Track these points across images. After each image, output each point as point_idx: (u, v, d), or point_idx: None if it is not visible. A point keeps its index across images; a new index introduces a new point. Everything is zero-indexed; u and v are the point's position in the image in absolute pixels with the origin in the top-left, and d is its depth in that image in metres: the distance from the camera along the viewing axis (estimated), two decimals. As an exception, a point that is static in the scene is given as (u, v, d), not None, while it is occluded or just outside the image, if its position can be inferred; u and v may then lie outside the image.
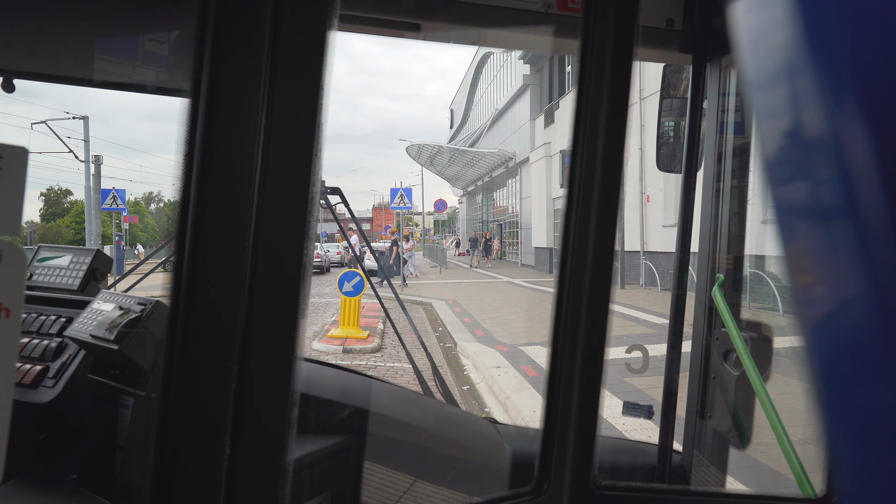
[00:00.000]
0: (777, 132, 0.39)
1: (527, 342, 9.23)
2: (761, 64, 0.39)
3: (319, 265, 23.98)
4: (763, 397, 1.69)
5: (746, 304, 1.99)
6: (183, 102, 0.79)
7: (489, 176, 35.77)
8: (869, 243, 0.33)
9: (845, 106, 0.34)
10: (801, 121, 0.37)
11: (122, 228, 22.24)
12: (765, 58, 0.39)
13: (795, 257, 0.38)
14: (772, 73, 0.39)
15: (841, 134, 0.34)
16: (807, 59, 0.36)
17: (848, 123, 0.34)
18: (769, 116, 0.39)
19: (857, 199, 0.33)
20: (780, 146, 0.39)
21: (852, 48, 0.34)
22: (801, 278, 0.38)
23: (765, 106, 0.39)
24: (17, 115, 18.48)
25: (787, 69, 0.37)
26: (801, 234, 0.38)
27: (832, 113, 0.34)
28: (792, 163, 0.38)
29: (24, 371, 1.57)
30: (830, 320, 0.36)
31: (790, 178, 0.38)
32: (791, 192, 0.38)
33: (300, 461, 1.42)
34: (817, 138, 0.36)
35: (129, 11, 1.57)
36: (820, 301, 0.37)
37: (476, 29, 1.62)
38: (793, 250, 0.38)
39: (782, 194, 0.38)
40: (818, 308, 0.37)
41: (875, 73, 0.33)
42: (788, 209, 0.38)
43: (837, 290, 0.35)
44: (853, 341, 0.35)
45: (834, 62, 0.35)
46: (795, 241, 0.38)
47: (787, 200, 0.38)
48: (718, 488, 1.91)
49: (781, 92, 0.38)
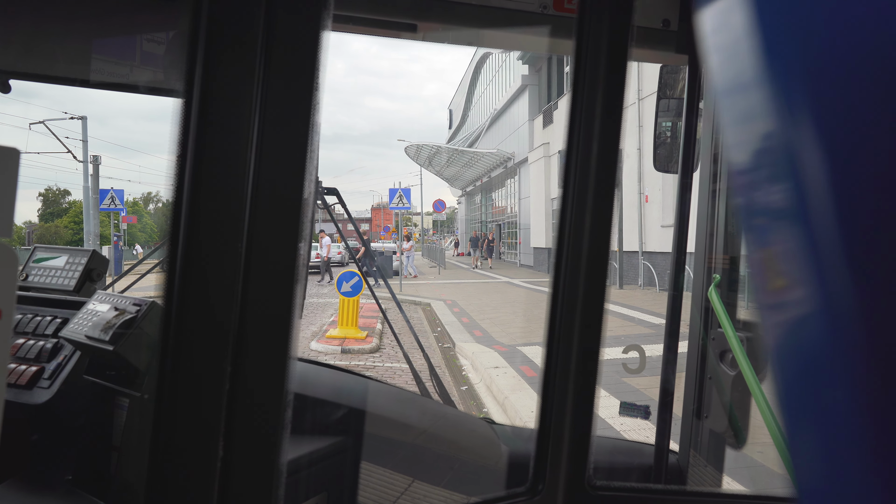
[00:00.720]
0: (738, 137, 0.39)
1: (525, 342, 9.23)
2: (724, 68, 0.40)
3: (318, 265, 24.06)
4: (759, 397, 1.70)
5: (743, 305, 2.00)
6: (176, 102, 0.79)
7: (488, 176, 35.78)
8: (820, 248, 0.33)
9: (800, 110, 0.34)
10: (755, 126, 0.37)
11: (121, 229, 22.21)
12: (726, 62, 0.40)
13: (758, 262, 0.38)
14: (733, 78, 0.39)
15: (793, 139, 0.34)
16: (763, 64, 0.36)
17: (801, 128, 0.34)
18: (732, 121, 0.40)
19: (808, 204, 0.34)
20: (741, 151, 0.39)
21: (808, 53, 0.35)
22: (764, 283, 0.38)
23: (728, 110, 0.40)
24: (15, 115, 18.46)
25: (745, 74, 0.38)
26: (762, 238, 0.38)
27: (785, 118, 0.35)
28: (751, 169, 0.38)
29: (20, 372, 1.57)
30: (791, 325, 0.37)
31: (752, 183, 0.39)
32: (753, 197, 0.39)
33: (297, 462, 1.42)
34: (771, 143, 0.36)
35: (127, 12, 1.56)
36: (781, 306, 0.37)
37: (473, 29, 1.62)
38: (756, 255, 0.39)
39: (746, 199, 0.39)
40: (780, 313, 0.37)
41: (829, 77, 0.34)
42: (751, 214, 0.39)
43: (796, 296, 0.36)
44: (813, 346, 0.35)
45: (790, 66, 0.35)
46: (758, 246, 0.38)
47: (749, 205, 0.39)
48: (714, 488, 1.91)
49: (742, 96, 0.39)
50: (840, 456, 0.34)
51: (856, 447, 0.33)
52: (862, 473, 0.33)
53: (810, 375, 0.35)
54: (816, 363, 0.35)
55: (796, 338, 0.36)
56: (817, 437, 0.35)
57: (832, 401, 0.34)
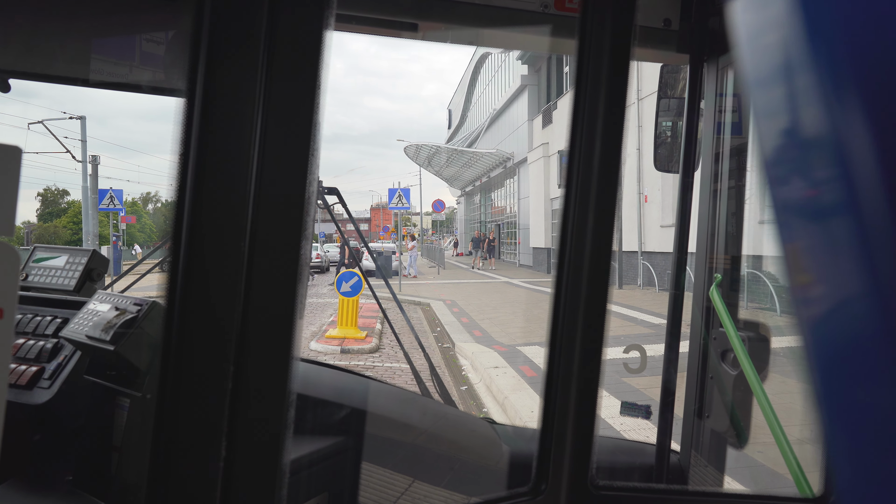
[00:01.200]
0: (776, 131, 0.38)
1: (525, 342, 9.23)
2: (760, 63, 0.39)
3: (319, 265, 24.16)
4: (760, 397, 1.69)
5: (744, 304, 1.99)
6: (179, 102, 0.79)
7: (487, 176, 35.77)
8: (868, 243, 0.33)
9: (844, 104, 0.34)
10: (799, 120, 0.37)
11: (120, 229, 22.20)
12: (763, 56, 0.39)
13: (794, 257, 0.38)
14: (770, 72, 0.38)
15: (840, 133, 0.34)
16: (805, 58, 0.36)
17: (847, 122, 0.34)
18: (768, 115, 0.39)
19: (856, 198, 0.33)
20: (778, 145, 0.38)
21: (851, 46, 0.34)
22: (799, 278, 0.37)
23: (763, 105, 0.39)
24: (14, 114, 18.46)
25: (785, 68, 0.37)
26: (799, 233, 0.38)
27: (831, 111, 0.34)
28: (791, 162, 0.38)
29: (20, 372, 1.56)
30: (829, 320, 0.36)
31: (789, 177, 0.38)
32: (790, 191, 0.38)
33: (298, 462, 1.41)
34: (816, 137, 0.35)
35: (127, 11, 1.56)
36: (818, 301, 0.37)
37: (474, 29, 1.62)
38: (791, 250, 0.38)
39: (781, 193, 0.38)
40: (817, 308, 0.37)
41: (874, 71, 0.33)
42: (787, 208, 0.38)
43: (836, 290, 0.35)
44: (852, 341, 0.35)
45: (833, 60, 0.35)
46: (794, 241, 0.38)
47: (785, 200, 0.38)
48: (716, 488, 1.91)
49: (780, 91, 0.38)
50: (881, 453, 0.34)
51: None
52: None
53: (857, 374, 0.35)
54: (865, 360, 0.34)
55: (834, 333, 0.36)
56: (862, 435, 0.35)
57: (873, 397, 0.34)
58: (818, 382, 0.37)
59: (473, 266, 27.06)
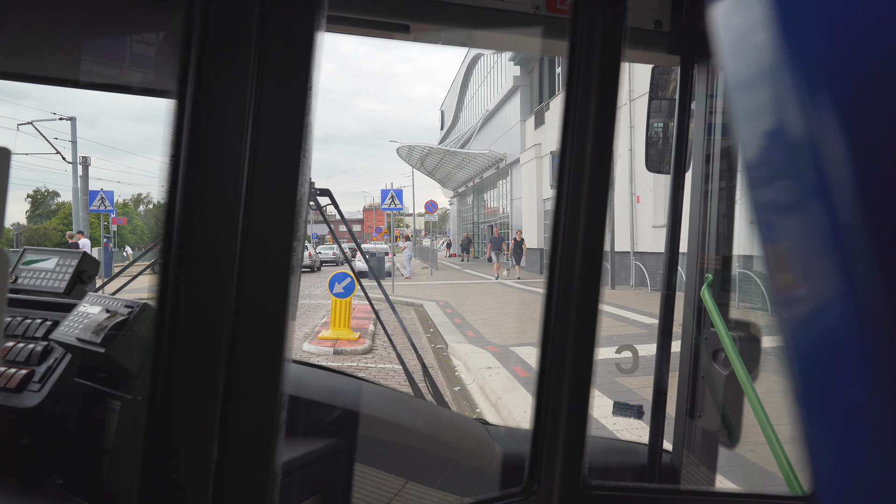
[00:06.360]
0: (754, 133, 0.39)
1: (518, 343, 9.24)
2: (738, 65, 0.40)
3: (310, 265, 24.20)
4: (752, 396, 1.70)
5: (735, 304, 2.01)
6: (170, 103, 0.78)
7: (480, 177, 35.80)
8: (843, 244, 0.33)
9: (821, 107, 0.34)
10: (776, 122, 0.37)
11: (111, 230, 22.07)
12: (741, 59, 0.40)
13: (775, 258, 0.38)
14: (748, 75, 0.39)
15: (816, 134, 0.34)
16: (782, 61, 0.36)
17: (823, 124, 0.34)
18: (747, 117, 0.39)
19: (832, 199, 0.34)
20: (757, 147, 0.39)
21: (827, 49, 0.35)
22: (779, 279, 0.38)
23: (742, 107, 0.40)
24: (3, 116, 18.33)
25: (762, 70, 0.38)
26: (778, 234, 0.38)
27: (807, 114, 0.35)
28: (770, 164, 0.38)
29: (10, 375, 1.55)
30: (807, 320, 0.37)
31: (768, 178, 0.38)
32: (769, 192, 0.39)
33: (290, 464, 1.41)
34: (793, 139, 0.36)
35: (117, 12, 1.55)
36: (799, 301, 0.37)
37: (466, 30, 1.62)
38: (772, 251, 0.38)
39: (760, 195, 0.39)
40: (796, 308, 0.37)
41: (850, 73, 0.34)
42: (767, 210, 0.38)
43: (814, 291, 0.36)
44: (829, 341, 0.35)
45: (809, 63, 0.35)
46: (775, 242, 0.38)
47: (765, 201, 0.39)
48: (708, 487, 1.92)
49: (758, 93, 0.39)
50: (861, 452, 0.34)
51: (877, 444, 0.33)
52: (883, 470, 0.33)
53: (838, 373, 0.35)
54: (837, 359, 0.35)
55: (815, 333, 0.36)
56: (837, 433, 0.35)
57: (853, 397, 0.34)
58: (798, 382, 0.37)
59: (497, 276, 21.13)
